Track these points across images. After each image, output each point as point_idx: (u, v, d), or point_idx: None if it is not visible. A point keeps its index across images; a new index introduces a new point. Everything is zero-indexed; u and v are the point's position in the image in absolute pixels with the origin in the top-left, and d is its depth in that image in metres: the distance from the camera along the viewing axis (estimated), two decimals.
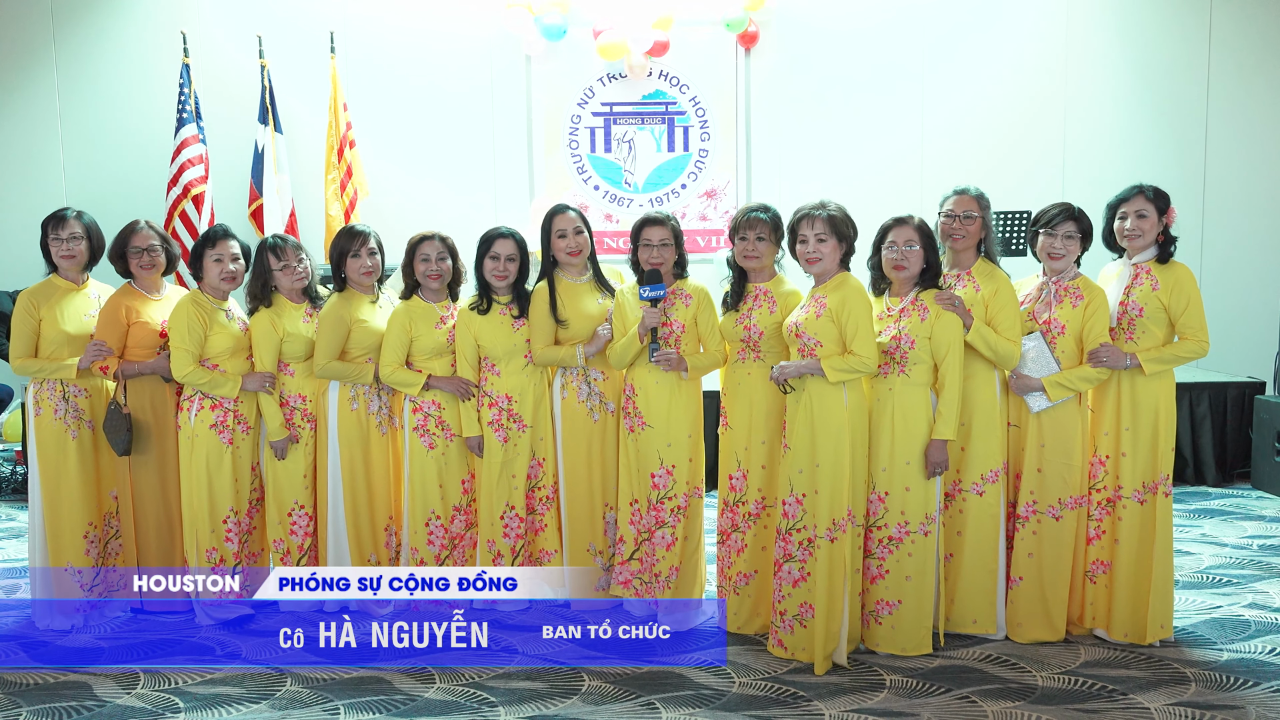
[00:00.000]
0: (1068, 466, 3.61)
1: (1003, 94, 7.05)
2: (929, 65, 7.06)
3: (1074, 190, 6.46)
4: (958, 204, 3.67)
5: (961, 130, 7.05)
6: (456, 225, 5.10)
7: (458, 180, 7.04)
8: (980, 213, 3.65)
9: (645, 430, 3.78)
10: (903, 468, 3.50)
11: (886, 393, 3.52)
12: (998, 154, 6.96)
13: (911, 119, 7.07)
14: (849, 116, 7.07)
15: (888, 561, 3.54)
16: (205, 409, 3.89)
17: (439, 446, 3.98)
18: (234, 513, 3.96)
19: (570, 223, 3.91)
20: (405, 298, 4.00)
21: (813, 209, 3.52)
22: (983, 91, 7.05)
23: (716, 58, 7.07)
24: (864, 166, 7.00)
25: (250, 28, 6.71)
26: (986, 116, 7.04)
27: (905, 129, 7.07)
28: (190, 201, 6.25)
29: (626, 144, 7.12)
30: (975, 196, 3.67)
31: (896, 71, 7.06)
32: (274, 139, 6.53)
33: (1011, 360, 3.56)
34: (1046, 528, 3.64)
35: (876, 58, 7.05)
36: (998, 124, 7.03)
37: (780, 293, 3.71)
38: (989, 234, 3.68)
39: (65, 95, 6.96)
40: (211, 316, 3.90)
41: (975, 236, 3.67)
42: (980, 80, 7.05)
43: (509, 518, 4.00)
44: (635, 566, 3.90)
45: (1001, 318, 3.55)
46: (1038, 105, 7.04)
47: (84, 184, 6.88)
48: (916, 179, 6.89)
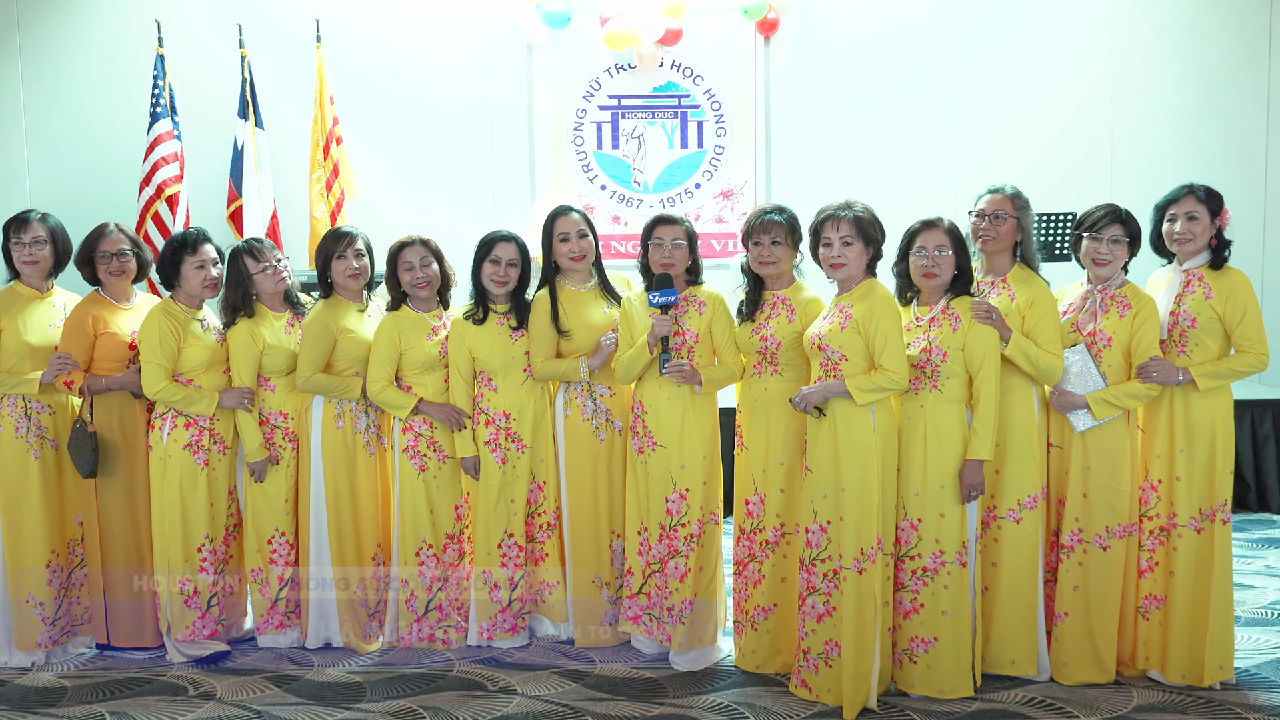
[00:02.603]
0: (1116, 492, 3.60)
1: (1044, 86, 7.04)
2: (965, 54, 7.06)
3: (1122, 191, 6.45)
4: (989, 203, 3.67)
5: (1000, 125, 7.04)
6: (451, 228, 5.14)
7: (453, 180, 7.07)
8: (1015, 213, 3.64)
9: (656, 451, 3.79)
10: (936, 491, 3.49)
11: (917, 410, 3.51)
12: (1039, 151, 6.95)
13: (945, 113, 7.07)
14: (876, 111, 7.07)
15: (922, 594, 3.52)
16: (178, 428, 3.91)
17: (431, 469, 3.99)
18: (209, 540, 3.97)
19: (574, 225, 3.93)
20: (393, 308, 4.02)
21: (838, 209, 3.53)
22: (1023, 82, 7.05)
23: (733, 47, 7.09)
24: (893, 165, 7.00)
25: (230, 16, 6.75)
26: (1027, 110, 7.04)
27: (938, 124, 7.07)
28: (164, 202, 6.29)
29: (635, 140, 7.14)
30: (1010, 196, 3.66)
31: (929, 61, 7.06)
32: (254, 135, 6.57)
33: (1053, 375, 3.55)
34: (1093, 559, 3.62)
35: (907, 47, 7.06)
36: (1039, 118, 7.02)
37: (800, 300, 3.71)
38: (1026, 237, 3.67)
39: (30, 88, 7.01)
40: (185, 327, 3.92)
41: (1008, 239, 3.66)
42: (1020, 70, 7.05)
43: (507, 546, 4.00)
44: (645, 600, 3.89)
45: (1041, 329, 3.55)
46: (1083, 98, 7.03)
47: (49, 183, 6.93)
48: (950, 178, 6.88)
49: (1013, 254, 3.70)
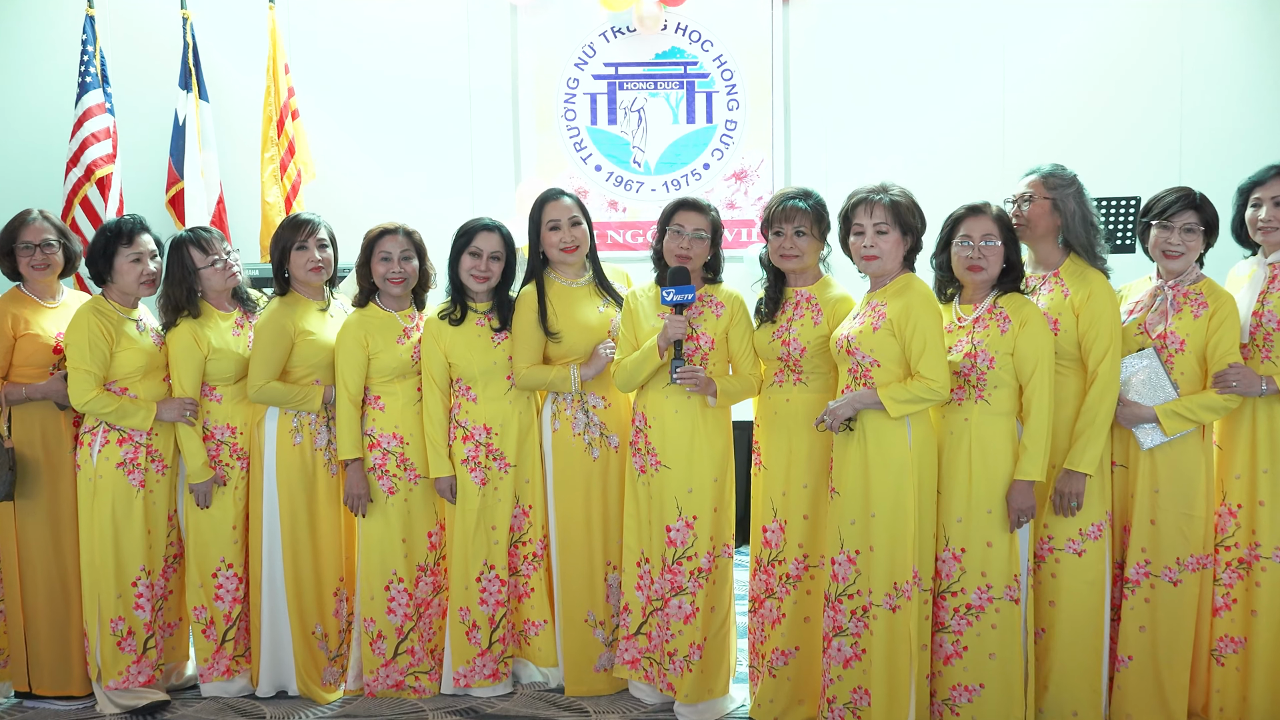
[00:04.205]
0: (1189, 518, 3.59)
1: (1105, 51, 7.03)
2: (1012, 14, 7.05)
3: (1194, 171, 6.44)
4: (1020, 186, 3.70)
5: (1053, 98, 7.02)
6: (425, 215, 5.11)
7: (426, 160, 7.07)
8: (1048, 195, 3.64)
9: (660, 471, 3.78)
10: (982, 518, 3.48)
11: (961, 424, 3.51)
12: (1098, 126, 6.94)
13: (990, 84, 7.06)
14: (912, 80, 7.06)
15: (965, 636, 3.52)
16: (110, 444, 3.90)
17: (401, 491, 3.99)
18: (146, 573, 3.96)
19: (566, 212, 3.93)
20: (360, 305, 4.01)
21: (871, 192, 3.53)
22: (1080, 47, 7.03)
23: (748, 8, 7.09)
24: (930, 143, 6.99)
25: None
26: (1085, 78, 7.01)
27: (982, 96, 7.06)
28: (94, 185, 6.27)
29: (635, 114, 7.15)
30: (1043, 176, 3.67)
31: (972, 24, 7.05)
32: (198, 108, 6.56)
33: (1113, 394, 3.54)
34: (1162, 595, 3.61)
35: (947, 7, 7.06)
36: (1099, 88, 7.00)
37: (826, 299, 3.71)
38: (1069, 221, 3.65)
39: None
40: (119, 329, 3.92)
41: (1043, 226, 3.66)
42: (1077, 34, 7.04)
43: (487, 580, 3.99)
44: (644, 643, 3.88)
45: (1097, 328, 3.54)
46: (1149, 65, 7.02)
47: None
48: (997, 158, 6.87)
49: (1059, 243, 3.69)
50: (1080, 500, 3.54)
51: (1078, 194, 3.67)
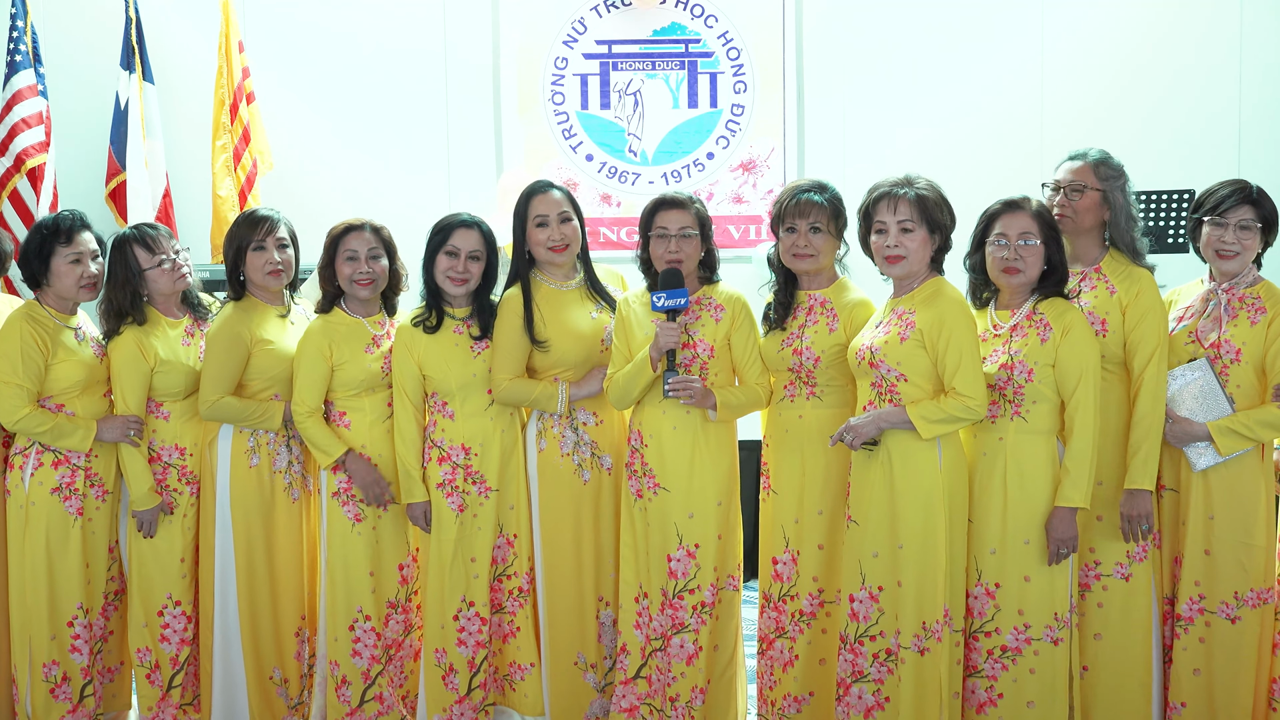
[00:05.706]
0: (1247, 548, 3.60)
1: (1153, 31, 7.06)
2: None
3: (1252, 163, 6.48)
4: (1065, 173, 3.71)
5: (1095, 82, 7.06)
6: (396, 210, 5.15)
7: (397, 149, 7.07)
8: (1099, 185, 3.67)
9: (658, 495, 3.80)
10: (1020, 549, 3.50)
11: (995, 444, 3.53)
12: (1147, 113, 6.98)
13: (1027, 65, 7.09)
14: (939, 62, 7.08)
15: (1000, 681, 3.53)
16: (45, 466, 3.91)
17: (369, 518, 4.00)
18: (83, 612, 3.96)
19: (554, 207, 3.95)
20: (323, 311, 4.03)
21: (895, 186, 3.55)
22: (1125, 26, 7.07)
23: None
24: (960, 130, 7.02)
25: None
26: (1132, 61, 7.05)
27: (1018, 79, 7.09)
28: (24, 177, 6.29)
29: (631, 97, 7.16)
30: (1093, 163, 3.69)
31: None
32: (142, 91, 6.58)
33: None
34: (1218, 633, 3.63)
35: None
36: (1148, 71, 7.04)
37: (843, 303, 3.73)
38: (1117, 215, 3.68)
39: None
40: (55, 338, 3.93)
41: (1091, 218, 3.69)
42: (1123, 10, 7.07)
43: (466, 618, 4.00)
44: (644, 687, 3.89)
45: (1144, 327, 3.55)
46: (1203, 45, 7.06)
47: None
48: (1035, 148, 6.88)
49: (1101, 238, 3.72)
50: (1151, 522, 3.55)
51: (1124, 186, 3.70)
